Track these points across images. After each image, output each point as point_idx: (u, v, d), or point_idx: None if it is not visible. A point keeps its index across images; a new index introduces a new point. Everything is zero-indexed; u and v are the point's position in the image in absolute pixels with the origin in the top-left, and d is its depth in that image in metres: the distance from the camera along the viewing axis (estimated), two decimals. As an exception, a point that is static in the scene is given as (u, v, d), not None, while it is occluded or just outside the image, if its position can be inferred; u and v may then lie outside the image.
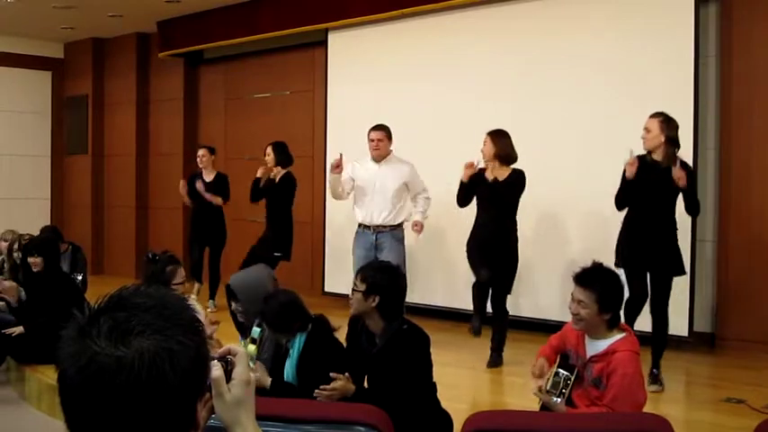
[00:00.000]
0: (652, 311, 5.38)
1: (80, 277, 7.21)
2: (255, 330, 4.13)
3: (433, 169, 7.24)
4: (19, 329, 5.99)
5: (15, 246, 6.95)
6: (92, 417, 1.11)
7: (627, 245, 5.47)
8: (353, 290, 3.72)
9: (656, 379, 5.33)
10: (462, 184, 6.07)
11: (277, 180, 7.86)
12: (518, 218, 6.07)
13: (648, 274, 5.38)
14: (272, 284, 4.45)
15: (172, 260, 4.59)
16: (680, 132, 6.12)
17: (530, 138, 6.65)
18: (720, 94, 6.65)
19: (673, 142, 5.34)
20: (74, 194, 12.13)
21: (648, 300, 5.38)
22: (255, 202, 8.01)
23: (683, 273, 5.54)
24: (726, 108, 6.61)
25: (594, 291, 3.44)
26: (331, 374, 3.56)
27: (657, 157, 5.35)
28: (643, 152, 5.45)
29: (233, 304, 4.39)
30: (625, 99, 6.59)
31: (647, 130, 5.38)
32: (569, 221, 7.08)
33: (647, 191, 5.36)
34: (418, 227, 6.60)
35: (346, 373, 3.59)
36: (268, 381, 3.73)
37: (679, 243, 5.49)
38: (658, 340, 5.43)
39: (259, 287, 4.33)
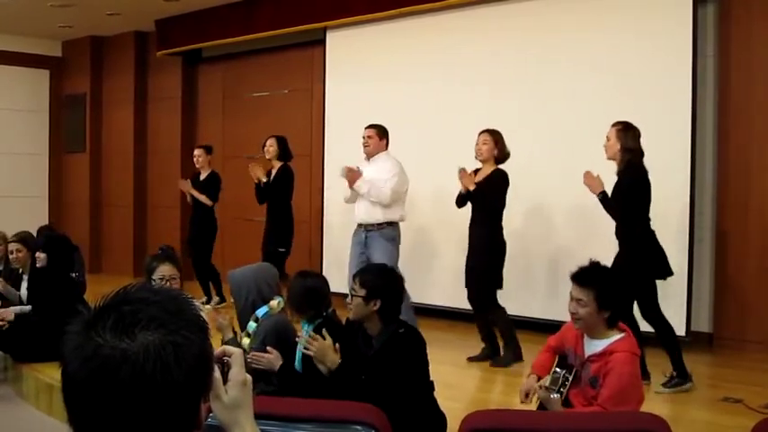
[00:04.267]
0: (645, 318, 5.34)
1: (76, 276, 7.20)
2: (251, 325, 4.22)
3: (431, 167, 7.24)
4: (4, 322, 6.03)
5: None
6: (95, 411, 1.11)
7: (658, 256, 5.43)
8: (353, 295, 3.72)
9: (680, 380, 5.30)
10: (461, 193, 6.13)
11: (274, 174, 7.89)
12: (513, 217, 6.09)
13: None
14: (275, 284, 4.49)
15: (161, 256, 4.57)
16: (678, 133, 6.13)
17: (530, 137, 6.67)
18: (719, 93, 6.66)
19: (630, 151, 5.31)
20: (72, 193, 12.13)
21: (638, 309, 5.34)
22: (264, 203, 8.02)
23: (669, 274, 5.49)
24: (724, 107, 6.61)
25: (593, 289, 3.45)
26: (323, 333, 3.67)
27: (618, 168, 5.37)
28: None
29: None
30: (624, 98, 6.59)
31: (607, 138, 5.40)
32: (567, 221, 7.08)
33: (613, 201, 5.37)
34: (350, 171, 6.57)
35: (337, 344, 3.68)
36: (278, 363, 3.76)
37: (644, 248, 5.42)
38: (668, 342, 5.37)
39: (250, 285, 4.38)
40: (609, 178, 5.49)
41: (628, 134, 5.33)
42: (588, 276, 3.50)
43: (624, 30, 6.81)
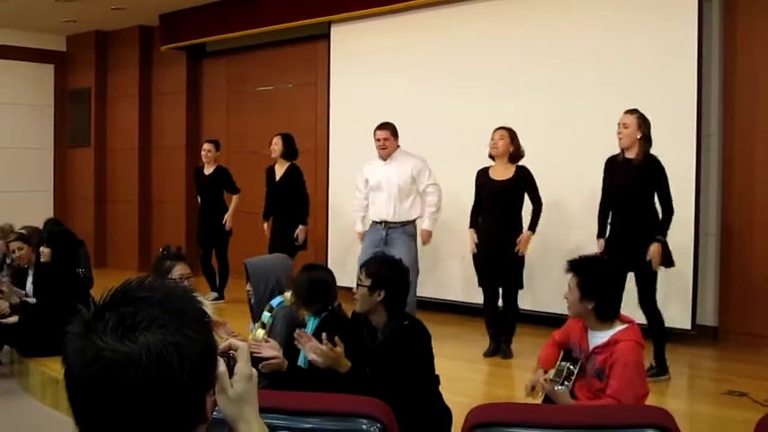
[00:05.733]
0: (642, 307, 5.37)
1: (82, 271, 7.20)
2: (265, 315, 4.28)
3: (435, 163, 7.22)
4: (13, 318, 6.04)
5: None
6: (100, 412, 1.11)
7: (609, 247, 5.48)
8: (358, 285, 3.72)
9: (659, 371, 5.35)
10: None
11: (281, 174, 7.88)
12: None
13: (634, 273, 5.34)
14: (289, 276, 4.54)
15: (174, 256, 4.63)
16: (684, 127, 6.14)
17: (534, 133, 6.64)
18: (724, 88, 6.64)
19: (648, 140, 5.36)
20: (76, 187, 12.14)
21: (637, 297, 5.35)
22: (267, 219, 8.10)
23: (670, 265, 5.49)
24: (729, 102, 6.60)
25: (578, 276, 3.50)
26: (325, 336, 3.62)
27: (631, 154, 5.39)
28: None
29: (247, 285, 4.48)
30: (630, 95, 6.56)
31: (624, 125, 5.38)
32: (570, 215, 7.07)
33: (623, 190, 5.41)
34: (425, 236, 6.67)
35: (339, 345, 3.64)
36: (285, 365, 3.78)
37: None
38: (656, 334, 5.41)
39: (269, 275, 4.46)
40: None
41: (645, 123, 5.37)
42: (575, 264, 3.56)
43: (629, 25, 6.79)
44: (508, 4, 7.57)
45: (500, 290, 6.18)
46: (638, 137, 5.34)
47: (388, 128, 6.71)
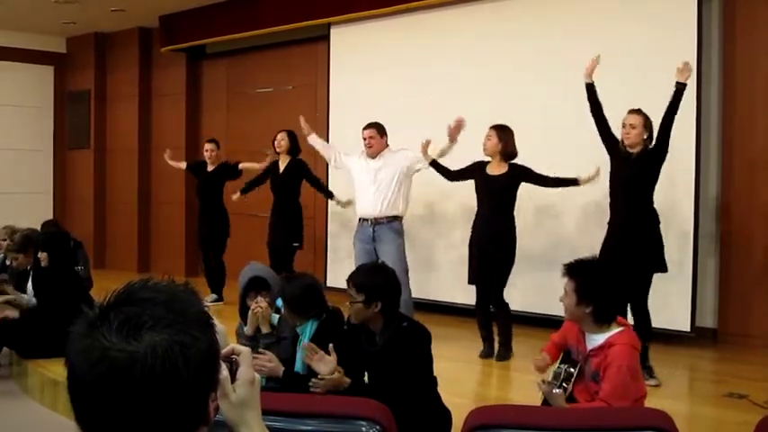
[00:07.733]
0: (632, 309, 5.31)
1: (80, 270, 7.20)
2: (274, 317, 4.30)
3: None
4: (13, 313, 6.08)
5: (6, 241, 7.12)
6: (103, 412, 1.11)
7: (607, 243, 5.47)
8: (351, 301, 3.68)
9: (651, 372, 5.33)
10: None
11: (283, 167, 7.89)
12: (516, 212, 6.11)
13: (632, 273, 5.31)
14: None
15: None
16: (683, 127, 6.15)
17: (532, 131, 6.65)
18: (723, 88, 6.64)
19: (651, 139, 5.40)
20: (76, 189, 12.14)
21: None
22: (244, 194, 8.13)
23: (664, 270, 5.43)
24: (729, 102, 6.60)
25: (574, 280, 3.48)
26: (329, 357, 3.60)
27: (635, 151, 5.39)
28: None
29: (259, 297, 4.46)
30: (629, 92, 6.56)
31: (631, 126, 5.39)
32: (569, 216, 7.07)
33: (624, 185, 5.40)
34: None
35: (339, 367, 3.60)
36: (281, 370, 3.77)
37: (663, 238, 5.44)
38: (641, 336, 5.38)
39: (276, 281, 4.53)
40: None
41: (649, 122, 5.41)
42: (572, 268, 3.54)
43: (628, 25, 6.79)
44: (507, 5, 7.56)
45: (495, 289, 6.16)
46: (645, 136, 5.38)
47: (374, 127, 6.75)
